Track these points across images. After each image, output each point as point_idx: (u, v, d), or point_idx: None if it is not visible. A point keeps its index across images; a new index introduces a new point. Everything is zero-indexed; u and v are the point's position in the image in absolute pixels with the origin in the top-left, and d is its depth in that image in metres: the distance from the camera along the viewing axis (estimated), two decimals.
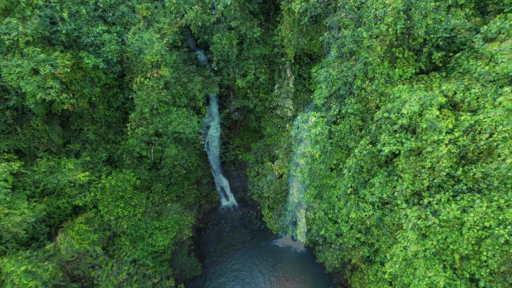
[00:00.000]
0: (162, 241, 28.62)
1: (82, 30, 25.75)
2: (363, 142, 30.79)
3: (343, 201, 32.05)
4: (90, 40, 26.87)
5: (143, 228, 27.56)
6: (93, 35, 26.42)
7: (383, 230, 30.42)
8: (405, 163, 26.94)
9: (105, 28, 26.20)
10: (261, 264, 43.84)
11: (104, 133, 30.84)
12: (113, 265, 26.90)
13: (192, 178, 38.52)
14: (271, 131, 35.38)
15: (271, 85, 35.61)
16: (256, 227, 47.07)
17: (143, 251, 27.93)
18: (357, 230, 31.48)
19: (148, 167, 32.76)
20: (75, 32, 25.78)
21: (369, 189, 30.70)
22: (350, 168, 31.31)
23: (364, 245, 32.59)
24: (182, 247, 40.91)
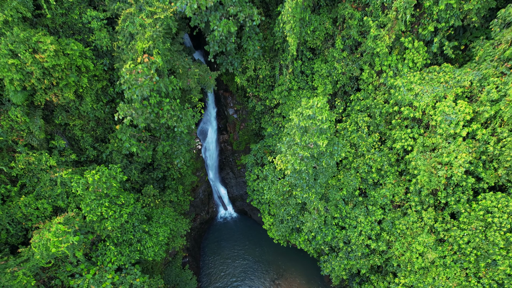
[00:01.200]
0: (152, 248, 25.78)
1: (69, 15, 23.99)
2: (371, 140, 28.52)
3: (351, 205, 29.39)
4: (78, 27, 25.06)
5: (130, 231, 24.80)
6: (81, 21, 24.65)
7: (395, 236, 27.64)
8: (419, 159, 24.55)
9: (95, 14, 24.46)
10: (262, 278, 40.57)
11: (92, 129, 28.56)
12: (95, 273, 23.97)
13: (187, 184, 35.97)
14: (272, 131, 33.13)
15: (271, 83, 33.70)
16: (256, 238, 44.01)
17: (130, 258, 25.03)
18: (366, 236, 28.68)
19: (140, 168, 30.28)
20: (61, 18, 24.02)
21: (379, 190, 28.15)
22: (358, 168, 28.87)
23: (375, 254, 29.68)
24: (175, 258, 37.80)
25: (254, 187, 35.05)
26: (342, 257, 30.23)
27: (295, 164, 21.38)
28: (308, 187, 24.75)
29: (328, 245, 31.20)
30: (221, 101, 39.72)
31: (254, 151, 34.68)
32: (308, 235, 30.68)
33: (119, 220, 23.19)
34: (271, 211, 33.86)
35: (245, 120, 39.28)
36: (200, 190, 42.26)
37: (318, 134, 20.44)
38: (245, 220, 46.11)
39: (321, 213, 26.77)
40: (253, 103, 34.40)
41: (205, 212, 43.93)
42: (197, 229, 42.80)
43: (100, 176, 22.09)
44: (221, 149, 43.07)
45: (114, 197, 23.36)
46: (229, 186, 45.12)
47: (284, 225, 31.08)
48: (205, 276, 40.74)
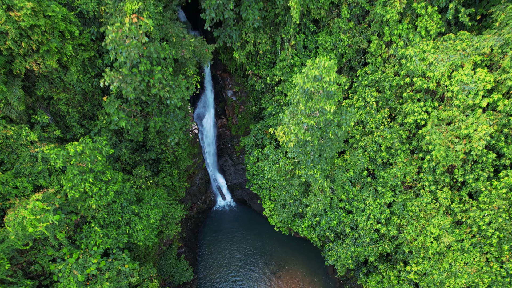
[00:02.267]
0: (142, 231, 23.61)
1: None
2: (380, 116, 26.38)
3: (358, 186, 27.23)
4: None
5: (118, 213, 22.64)
6: None
7: (407, 219, 25.47)
8: (434, 133, 22.40)
9: None
10: (262, 270, 38.39)
11: (79, 104, 26.42)
12: (79, 258, 21.80)
13: (182, 168, 33.80)
14: (273, 110, 30.98)
15: (272, 59, 31.59)
16: (255, 228, 41.84)
17: (117, 241, 22.84)
18: (375, 220, 26.51)
19: (130, 147, 28.12)
20: None
21: (389, 171, 26.00)
22: (366, 147, 26.72)
23: (384, 239, 27.50)
24: (170, 248, 35.62)
25: (253, 171, 32.91)
26: (349, 244, 28.05)
27: (299, 134, 19.23)
28: (313, 163, 22.59)
29: (334, 231, 29.02)
30: (219, 82, 37.61)
31: (253, 131, 32.53)
32: (312, 220, 28.50)
33: (104, 198, 21.03)
34: (272, 196, 31.70)
35: (244, 102, 37.14)
36: (197, 177, 40.10)
37: (325, 99, 18.30)
38: (245, 210, 43.94)
39: (326, 194, 24.61)
40: (253, 81, 32.27)
41: (202, 201, 41.76)
42: (194, 219, 40.63)
43: (83, 148, 19.93)
44: (219, 134, 40.95)
45: (100, 172, 21.21)
46: (227, 174, 42.97)
47: (286, 210, 28.91)
48: (201, 268, 38.56)
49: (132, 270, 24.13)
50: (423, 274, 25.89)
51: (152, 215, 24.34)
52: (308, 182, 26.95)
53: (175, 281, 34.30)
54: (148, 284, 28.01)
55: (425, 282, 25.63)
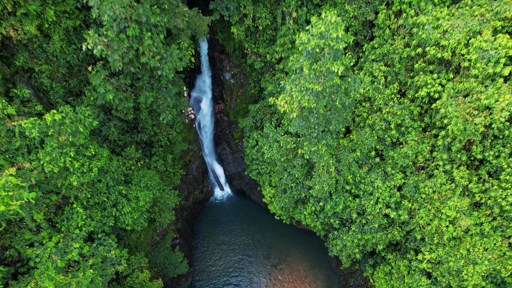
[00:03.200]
0: (130, 214, 21.57)
1: None
2: (389, 91, 24.39)
3: (366, 168, 25.19)
4: None
5: (103, 193, 20.61)
6: None
7: (419, 202, 23.42)
8: (450, 105, 20.39)
9: None
10: (261, 263, 36.31)
11: (63, 79, 24.43)
12: (58, 242, 19.75)
13: (177, 152, 31.77)
14: (273, 89, 28.97)
15: (272, 36, 29.67)
16: (255, 220, 39.78)
17: (102, 224, 20.79)
18: (384, 204, 24.46)
19: (120, 126, 26.12)
20: None
21: (399, 150, 23.98)
22: (374, 125, 24.70)
23: (394, 226, 25.43)
24: (164, 239, 33.56)
25: (252, 155, 30.89)
26: (355, 231, 25.99)
27: (302, 101, 17.23)
28: (317, 139, 20.57)
29: (339, 218, 26.96)
30: (217, 64, 35.64)
31: (252, 112, 30.52)
32: (316, 206, 26.44)
33: (87, 175, 19.00)
34: (272, 181, 29.65)
35: (243, 85, 35.16)
36: (193, 166, 38.07)
37: (331, 59, 16.30)
38: (244, 201, 41.88)
39: (331, 175, 22.58)
40: (252, 59, 30.28)
41: (199, 191, 39.71)
42: (190, 209, 38.57)
43: (62, 118, 17.92)
44: (217, 120, 38.95)
45: (82, 147, 19.18)
46: (225, 163, 40.94)
47: (288, 195, 26.87)
48: (197, 261, 36.47)
49: (119, 257, 22.07)
50: (436, 262, 23.83)
51: (142, 197, 22.29)
52: (312, 164, 24.92)
53: (169, 273, 32.22)
54: (138, 274, 25.96)
55: (439, 271, 23.57)
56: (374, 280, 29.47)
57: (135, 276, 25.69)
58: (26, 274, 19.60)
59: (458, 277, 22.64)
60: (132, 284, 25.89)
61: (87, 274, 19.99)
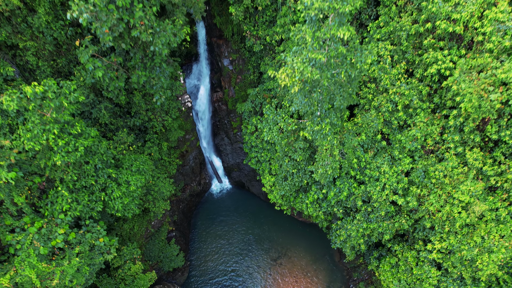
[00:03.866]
0: (120, 200, 20.15)
1: None
2: (396, 71, 23.00)
3: (372, 153, 23.78)
4: None
5: (91, 176, 19.21)
6: None
7: (429, 188, 22.00)
8: (462, 81, 18.99)
9: None
10: (261, 257, 34.85)
11: (51, 57, 23.06)
12: (42, 227, 18.32)
13: (172, 140, 30.35)
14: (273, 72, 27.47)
15: (272, 17, 28.33)
16: (254, 213, 38.34)
17: (90, 209, 19.36)
18: (391, 191, 23.04)
19: (111, 109, 24.70)
20: None
21: (407, 133, 22.58)
22: (380, 107, 23.31)
23: (401, 214, 24.00)
24: (159, 232, 32.12)
25: (251, 142, 29.48)
26: (360, 220, 24.55)
27: (305, 72, 15.83)
28: (321, 117, 19.17)
29: (343, 206, 25.53)
30: (215, 50, 34.27)
31: (251, 96, 29.13)
32: (318, 194, 25.02)
33: (73, 155, 17.58)
34: (272, 169, 28.22)
35: (241, 72, 33.77)
36: (190, 156, 36.65)
37: (337, 25, 14.92)
38: (242, 194, 40.45)
39: (335, 158, 21.15)
40: (251, 42, 28.89)
41: (196, 183, 38.28)
42: (187, 202, 37.14)
43: (44, 91, 16.52)
44: (215, 109, 37.55)
45: (68, 124, 17.78)
46: (224, 154, 39.53)
47: (289, 182, 25.44)
48: (194, 254, 35.02)
49: (108, 246, 20.63)
50: (447, 252, 22.39)
51: (133, 182, 20.86)
52: (314, 148, 23.51)
53: (164, 267, 30.77)
54: (130, 266, 24.52)
55: (450, 262, 22.12)
56: (379, 273, 28.03)
57: (126, 268, 24.27)
58: (6, 262, 18.17)
59: (471, 267, 21.21)
60: (123, 276, 24.46)
61: (72, 263, 18.56)
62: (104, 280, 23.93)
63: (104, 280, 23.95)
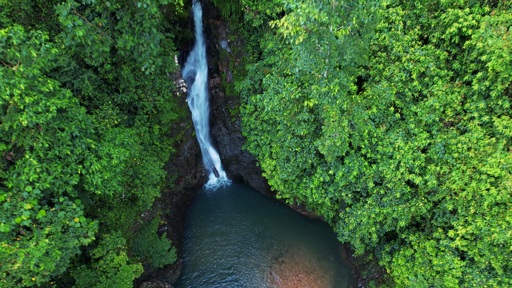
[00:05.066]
0: (100, 174, 17.63)
1: None
2: (409, 37, 20.80)
3: (384, 127, 21.35)
4: None
5: (66, 145, 16.76)
6: None
7: (450, 164, 19.47)
8: (489, 37, 16.72)
9: None
10: (261, 255, 31.96)
11: (28, 22, 20.89)
12: (5, 201, 15.75)
13: (164, 122, 27.94)
14: (274, 46, 25.44)
15: None
16: (254, 209, 35.61)
17: (63, 182, 16.79)
18: (407, 169, 20.50)
19: (95, 81, 22.38)
20: None
21: (423, 104, 20.23)
22: (392, 77, 21.01)
23: (418, 197, 21.38)
24: (150, 224, 29.38)
25: (250, 124, 27.13)
26: (372, 205, 21.92)
27: (311, 15, 13.59)
28: (328, 78, 16.83)
29: (352, 191, 22.92)
30: (212, 32, 32.26)
31: (251, 72, 26.93)
32: (324, 176, 22.46)
33: (43, 116, 15.20)
34: (273, 152, 25.72)
35: (240, 54, 31.67)
36: (185, 146, 34.20)
37: None
38: (241, 188, 37.80)
39: (344, 130, 18.69)
40: (250, 16, 26.87)
41: (191, 176, 35.70)
42: (181, 195, 34.48)
43: (8, 37, 14.26)
44: (212, 97, 35.32)
45: (38, 82, 15.44)
46: (221, 145, 37.08)
47: (291, 164, 22.92)
48: (188, 252, 32.15)
49: (86, 228, 17.99)
50: (473, 238, 19.67)
51: (116, 155, 18.38)
52: (320, 121, 21.10)
53: (154, 263, 27.93)
54: (113, 256, 21.76)
55: (477, 249, 19.38)
56: (392, 269, 25.15)
57: (109, 259, 21.53)
58: None
59: (502, 254, 18.47)
60: (105, 268, 21.69)
61: (40, 245, 15.92)
62: (82, 272, 21.15)
63: (83, 272, 21.17)
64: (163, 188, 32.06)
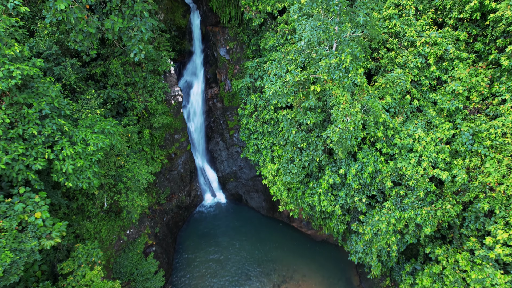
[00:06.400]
0: (72, 161, 14.85)
1: None
2: (422, 22, 19.14)
3: (400, 118, 18.91)
4: None
5: (32, 122, 14.17)
6: None
7: (481, 154, 16.78)
8: None
9: None
10: (260, 283, 27.88)
11: None
12: None
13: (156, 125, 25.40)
14: (276, 42, 23.79)
15: None
16: (253, 232, 31.98)
17: (23, 167, 13.88)
18: (430, 164, 17.71)
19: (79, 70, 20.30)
20: None
21: (443, 90, 18.03)
22: (406, 64, 19.02)
23: (444, 198, 18.36)
24: (135, 243, 25.75)
25: (250, 127, 24.73)
26: (391, 209, 18.82)
27: None
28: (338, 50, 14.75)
29: (366, 194, 19.91)
30: (210, 39, 31.07)
31: (250, 69, 25.02)
32: (334, 178, 19.56)
33: (5, 82, 12.86)
34: (275, 155, 23.00)
35: (239, 61, 30.16)
36: (179, 160, 31.53)
37: None
38: (240, 209, 34.43)
39: (358, 114, 16.21)
40: (250, 15, 25.59)
41: (185, 194, 32.58)
42: (173, 214, 31.11)
43: None
44: (209, 109, 33.30)
45: (1, 43, 13.32)
46: (218, 161, 34.37)
47: (296, 164, 20.16)
48: (178, 278, 28.11)
49: (50, 228, 14.87)
50: None
51: (93, 141, 15.75)
52: (328, 111, 18.67)
53: (138, 287, 23.99)
54: (85, 271, 18.23)
55: None
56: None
57: (80, 274, 17.98)
58: None
59: None
60: (75, 285, 18.05)
61: None
62: None
63: None
64: (153, 203, 28.89)
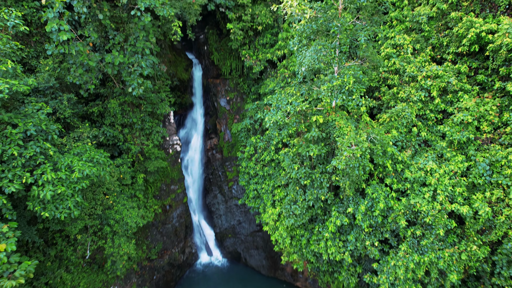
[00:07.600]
0: (52, 187, 13.29)
1: None
2: (421, 58, 19.37)
3: (409, 152, 17.82)
4: None
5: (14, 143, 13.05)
6: None
7: (504, 183, 15.36)
8: None
9: None
10: None
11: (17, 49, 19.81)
12: None
13: (151, 170, 23.94)
14: (276, 85, 23.87)
15: (273, 40, 26.37)
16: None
17: None
18: (446, 198, 16.10)
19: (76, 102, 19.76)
20: None
21: (451, 121, 17.38)
22: (410, 97, 18.72)
23: (468, 238, 16.30)
24: None
25: (250, 171, 23.45)
26: (408, 252, 16.61)
27: None
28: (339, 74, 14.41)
29: (378, 237, 17.82)
30: (211, 91, 31.64)
31: (250, 112, 24.61)
32: (341, 219, 17.72)
33: None
34: (276, 201, 21.32)
35: (239, 111, 30.22)
36: (174, 213, 29.56)
37: None
38: (238, 269, 31.11)
39: (364, 142, 15.21)
40: (250, 62, 26.26)
41: (179, 250, 29.78)
42: (164, 272, 27.96)
43: None
44: (208, 160, 32.41)
45: None
46: (216, 216, 32.24)
47: (300, 204, 18.48)
48: None
49: (14, 266, 12.81)
50: None
51: (78, 167, 14.48)
52: (331, 144, 17.65)
53: None
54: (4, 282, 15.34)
55: None
56: None
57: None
58: None
59: None
60: None
61: None
62: None
63: None
64: (143, 258, 26.15)
